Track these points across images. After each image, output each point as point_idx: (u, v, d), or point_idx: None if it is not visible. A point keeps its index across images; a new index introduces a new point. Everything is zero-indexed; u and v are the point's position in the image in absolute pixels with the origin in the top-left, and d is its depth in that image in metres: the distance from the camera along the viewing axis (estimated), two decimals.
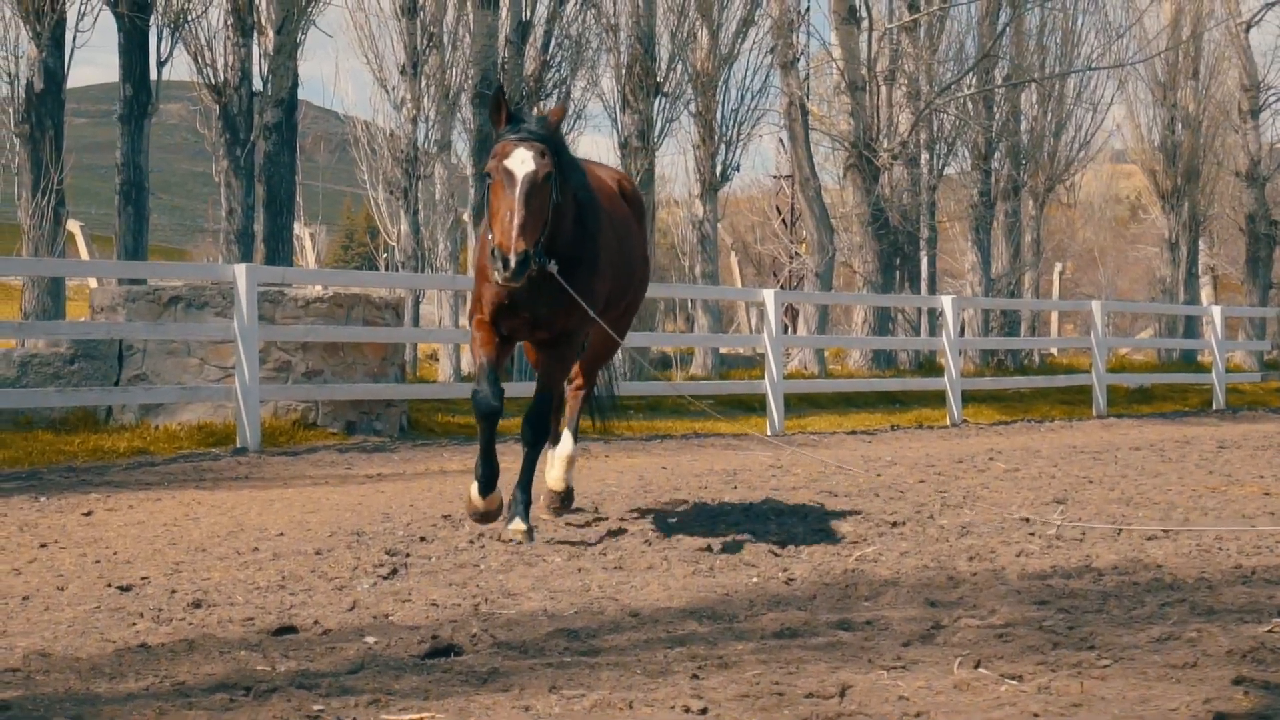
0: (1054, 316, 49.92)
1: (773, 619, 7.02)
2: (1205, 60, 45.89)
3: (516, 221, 9.22)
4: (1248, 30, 47.44)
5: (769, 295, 23.59)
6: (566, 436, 11.45)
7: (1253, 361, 39.82)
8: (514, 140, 9.54)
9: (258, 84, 26.16)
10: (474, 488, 10.14)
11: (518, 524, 10.03)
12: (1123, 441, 20.77)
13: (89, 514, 11.85)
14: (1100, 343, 29.13)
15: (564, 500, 11.41)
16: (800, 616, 7.08)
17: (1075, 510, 11.64)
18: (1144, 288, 65.11)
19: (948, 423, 25.43)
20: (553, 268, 9.77)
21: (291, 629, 6.94)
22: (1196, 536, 10.06)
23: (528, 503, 10.22)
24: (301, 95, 27.11)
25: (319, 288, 20.16)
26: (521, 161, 9.42)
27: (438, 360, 28.79)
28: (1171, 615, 7.00)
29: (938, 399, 26.92)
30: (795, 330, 38.86)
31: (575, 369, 11.69)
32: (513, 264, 9.10)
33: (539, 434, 10.20)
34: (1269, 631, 6.50)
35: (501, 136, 9.65)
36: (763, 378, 23.76)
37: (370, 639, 6.63)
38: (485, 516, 10.13)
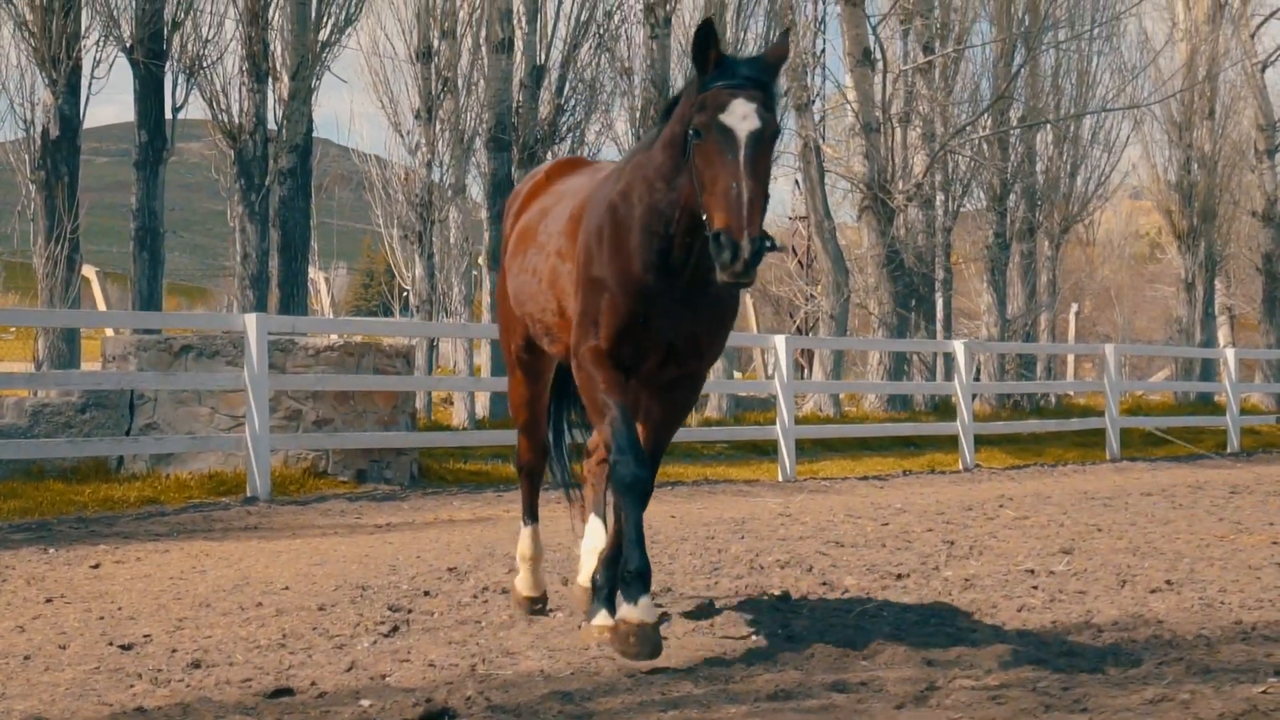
0: (1070, 357, 49.86)
1: (768, 680, 7.03)
2: (1221, 100, 45.88)
3: (747, 195, 7.23)
4: (1264, 70, 47.49)
5: (780, 341, 23.61)
6: (596, 526, 9.15)
7: (1270, 402, 39.76)
8: (729, 89, 7.40)
9: (272, 128, 26.30)
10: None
11: (604, 617, 8.24)
12: (1135, 486, 20.76)
13: (96, 566, 11.88)
14: (1113, 386, 29.13)
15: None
16: (795, 677, 7.09)
17: (1081, 560, 11.63)
18: (1161, 327, 64.98)
19: (960, 467, 25.41)
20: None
21: (288, 691, 6.96)
22: (1201, 588, 10.07)
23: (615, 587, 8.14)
24: (321, 134, 27.28)
25: (331, 336, 20.22)
26: (743, 117, 7.39)
27: (453, 403, 28.81)
28: (1167, 675, 7.00)
29: (951, 442, 26.90)
30: (810, 371, 38.84)
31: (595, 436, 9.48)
32: (746, 252, 7.08)
33: (642, 503, 7.86)
34: (1263, 692, 6.49)
35: (709, 84, 7.45)
36: (775, 422, 23.77)
37: (365, 702, 6.65)
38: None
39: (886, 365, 34.40)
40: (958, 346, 26.73)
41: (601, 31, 30.16)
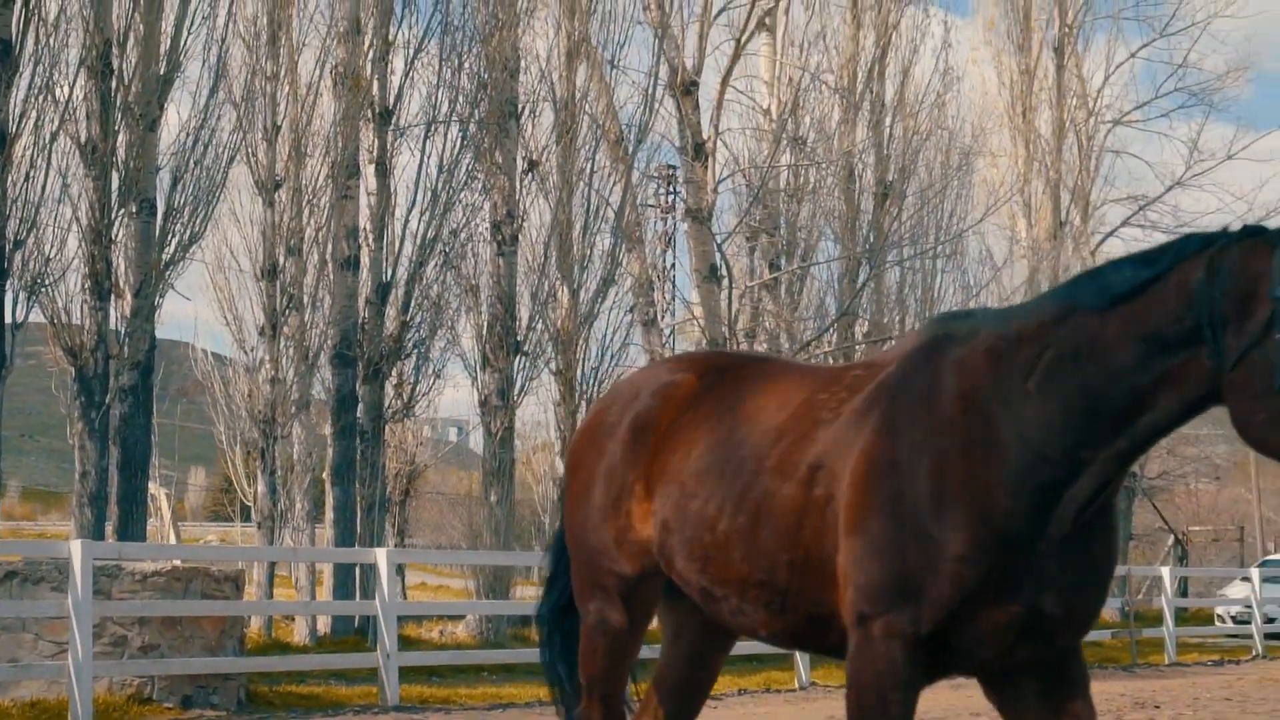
0: None
1: None
2: None
3: None
4: None
5: None
6: None
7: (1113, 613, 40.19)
8: None
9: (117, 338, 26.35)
10: None
11: None
12: (964, 705, 20.93)
13: None
14: None
15: None
16: None
17: None
18: None
19: (795, 685, 25.49)
20: None
21: None
22: None
23: None
24: (179, 336, 27.34)
25: (159, 561, 20.15)
26: None
27: (294, 619, 28.67)
28: None
29: (788, 657, 27.01)
30: None
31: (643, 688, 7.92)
32: None
33: None
34: None
35: None
36: None
37: None
38: None
39: None
40: None
41: (448, 249, 30.56)
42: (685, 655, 7.71)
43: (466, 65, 30.89)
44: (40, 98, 24.61)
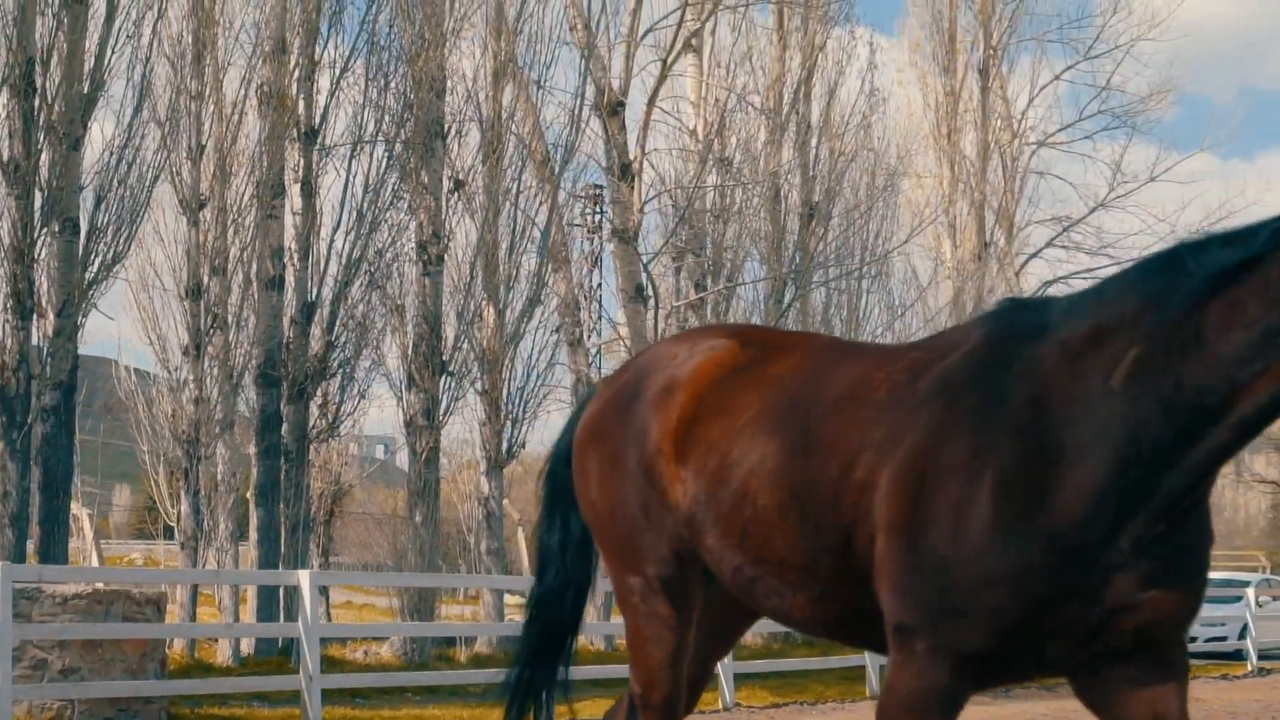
0: None
1: None
2: None
3: None
4: None
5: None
6: None
7: None
8: None
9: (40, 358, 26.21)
10: None
11: None
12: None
13: None
14: None
15: None
16: None
17: None
18: None
19: (720, 706, 25.58)
20: None
21: None
22: None
23: None
24: (104, 354, 27.19)
25: (80, 584, 20.07)
26: None
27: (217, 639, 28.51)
28: None
29: (713, 679, 27.10)
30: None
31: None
32: None
33: None
34: None
35: None
36: None
37: None
38: None
39: None
40: None
41: (373, 269, 30.52)
42: (703, 629, 7.37)
43: (393, 85, 30.87)
44: None
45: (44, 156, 25.68)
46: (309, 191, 30.02)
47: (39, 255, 26.16)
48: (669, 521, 6.89)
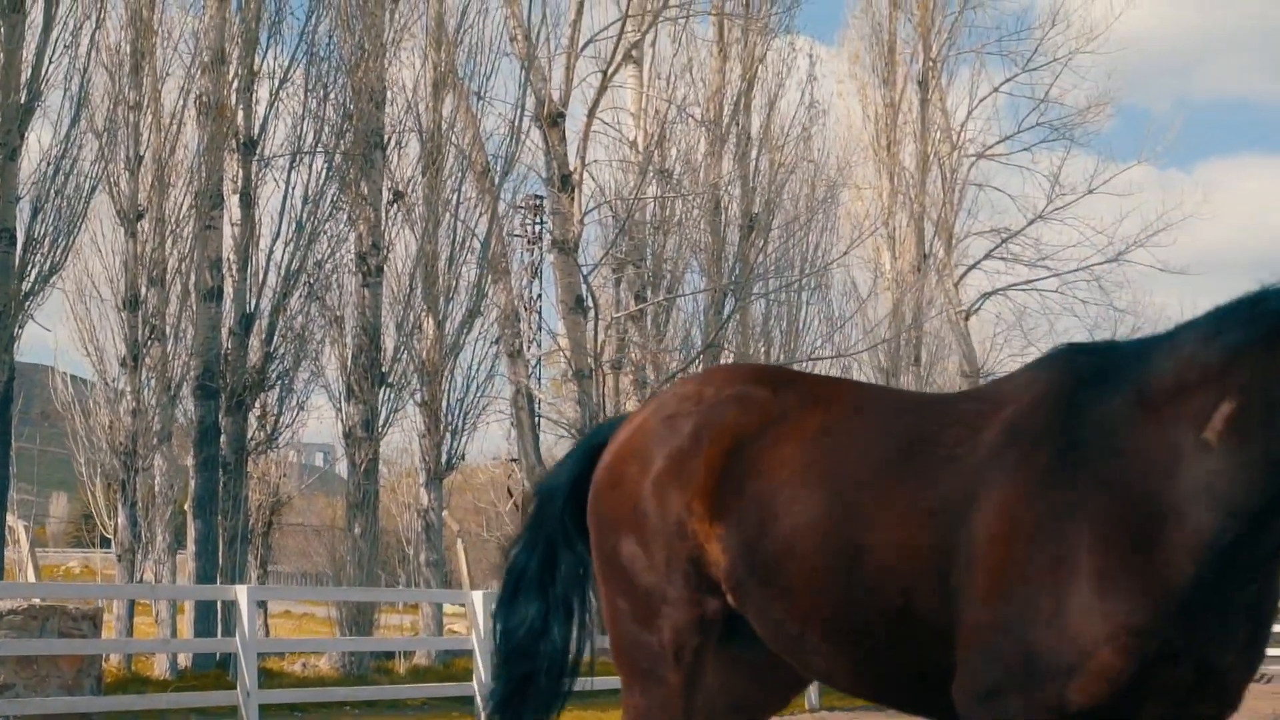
0: None
1: None
2: (927, 347, 47.48)
3: None
4: (967, 318, 49.28)
5: (478, 597, 23.60)
6: None
7: None
8: None
9: None
10: None
11: None
12: None
13: None
14: None
15: None
16: None
17: None
18: None
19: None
20: None
21: None
22: None
23: None
24: (41, 361, 27.02)
25: (15, 599, 19.94)
26: None
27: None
28: None
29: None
30: None
31: None
32: None
33: None
34: None
35: None
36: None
37: None
38: None
39: None
40: None
41: (312, 280, 30.44)
42: (728, 707, 6.94)
43: (332, 95, 30.84)
44: None
45: None
46: (248, 202, 29.94)
47: None
48: (697, 581, 6.53)
